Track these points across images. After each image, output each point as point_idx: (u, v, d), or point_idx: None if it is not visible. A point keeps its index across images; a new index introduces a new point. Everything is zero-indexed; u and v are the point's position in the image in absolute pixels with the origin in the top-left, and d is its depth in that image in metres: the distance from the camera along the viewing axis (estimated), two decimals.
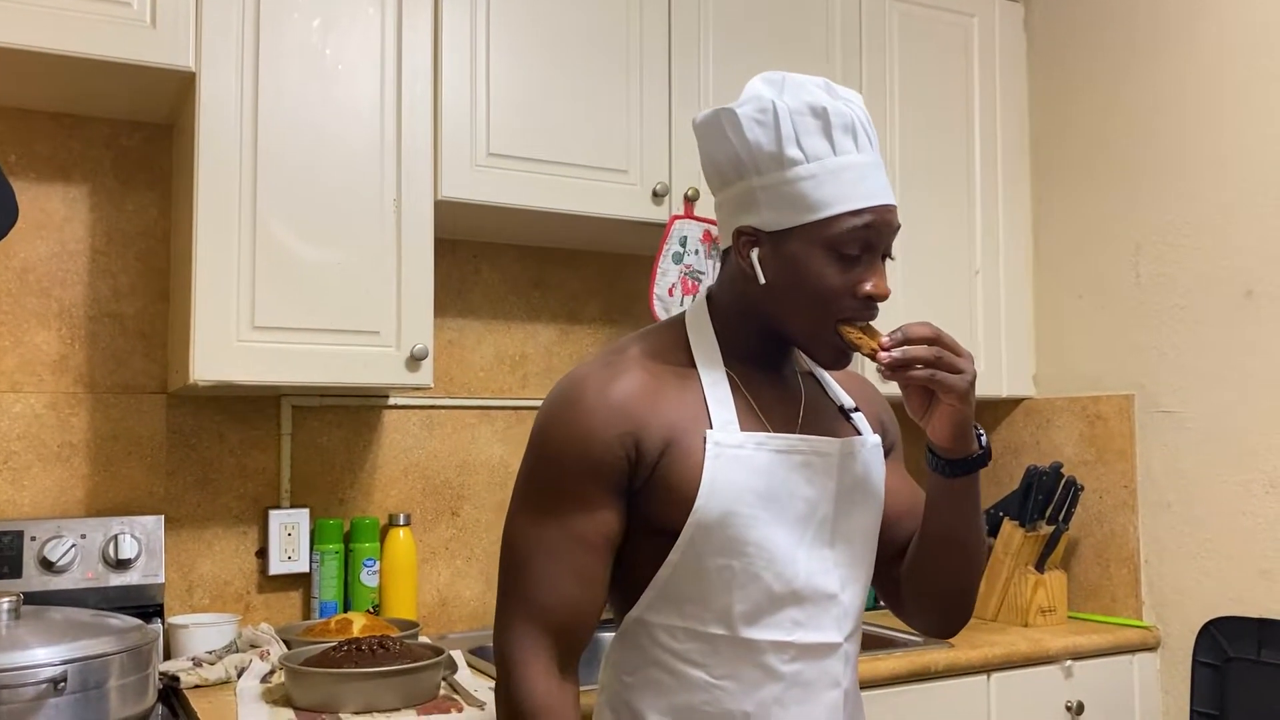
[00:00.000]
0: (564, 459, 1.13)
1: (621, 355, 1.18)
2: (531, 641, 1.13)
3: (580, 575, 1.13)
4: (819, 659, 1.17)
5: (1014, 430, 2.71)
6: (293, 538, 2.12)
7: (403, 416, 2.28)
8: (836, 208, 1.11)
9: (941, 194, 2.57)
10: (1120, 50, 2.50)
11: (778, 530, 1.14)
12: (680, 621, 1.15)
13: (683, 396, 1.16)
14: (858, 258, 1.13)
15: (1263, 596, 2.17)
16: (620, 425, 1.12)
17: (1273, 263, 2.18)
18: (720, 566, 1.12)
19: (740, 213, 1.17)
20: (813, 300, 1.13)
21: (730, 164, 1.17)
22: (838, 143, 1.13)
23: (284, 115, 1.86)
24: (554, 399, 1.17)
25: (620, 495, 1.14)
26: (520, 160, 2.04)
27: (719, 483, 1.12)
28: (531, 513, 1.15)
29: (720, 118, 1.17)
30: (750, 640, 1.14)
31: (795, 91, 1.15)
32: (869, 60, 2.47)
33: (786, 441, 1.16)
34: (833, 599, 1.18)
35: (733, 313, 1.21)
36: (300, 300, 1.86)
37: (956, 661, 2.10)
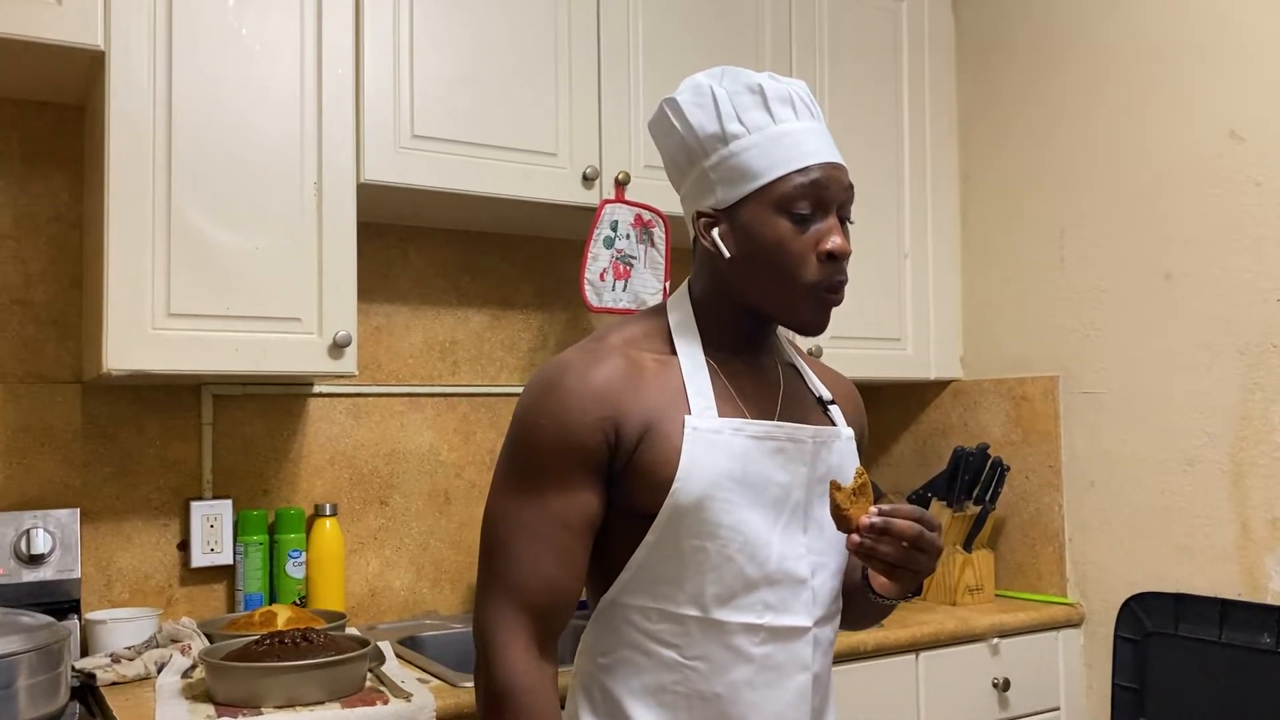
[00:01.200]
0: (545, 443, 1.15)
1: (602, 342, 1.20)
2: (511, 621, 1.14)
3: (560, 556, 1.15)
4: (789, 642, 1.19)
5: (942, 412, 2.75)
6: (215, 529, 2.08)
7: (328, 405, 2.24)
8: (781, 169, 1.15)
9: (871, 179, 2.58)
10: (1046, 36, 2.53)
11: (752, 514, 1.16)
12: (654, 603, 1.17)
13: (662, 382, 1.18)
14: (810, 216, 1.16)
15: (1180, 572, 2.22)
16: (601, 410, 1.14)
17: (1190, 245, 2.22)
18: (695, 548, 1.14)
19: (698, 198, 1.21)
20: (776, 265, 1.16)
21: (681, 153, 1.22)
22: (776, 113, 1.17)
23: (199, 97, 1.81)
24: (536, 384, 1.18)
25: (600, 479, 1.16)
26: (446, 143, 2.01)
27: (696, 466, 1.14)
28: (513, 495, 1.17)
29: (664, 108, 1.22)
30: (722, 622, 1.16)
31: (734, 76, 1.20)
32: (799, 46, 2.47)
33: (763, 428, 1.19)
34: (803, 584, 1.20)
35: (710, 299, 1.24)
36: (218, 287, 1.81)
37: (886, 641, 2.12)
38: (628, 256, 2.19)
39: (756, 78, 1.19)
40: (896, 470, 2.85)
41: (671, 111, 1.22)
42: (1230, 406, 2.15)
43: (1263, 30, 2.11)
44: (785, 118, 1.17)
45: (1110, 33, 2.39)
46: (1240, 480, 2.13)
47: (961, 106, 2.74)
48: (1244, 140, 2.13)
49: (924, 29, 2.69)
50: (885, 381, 2.68)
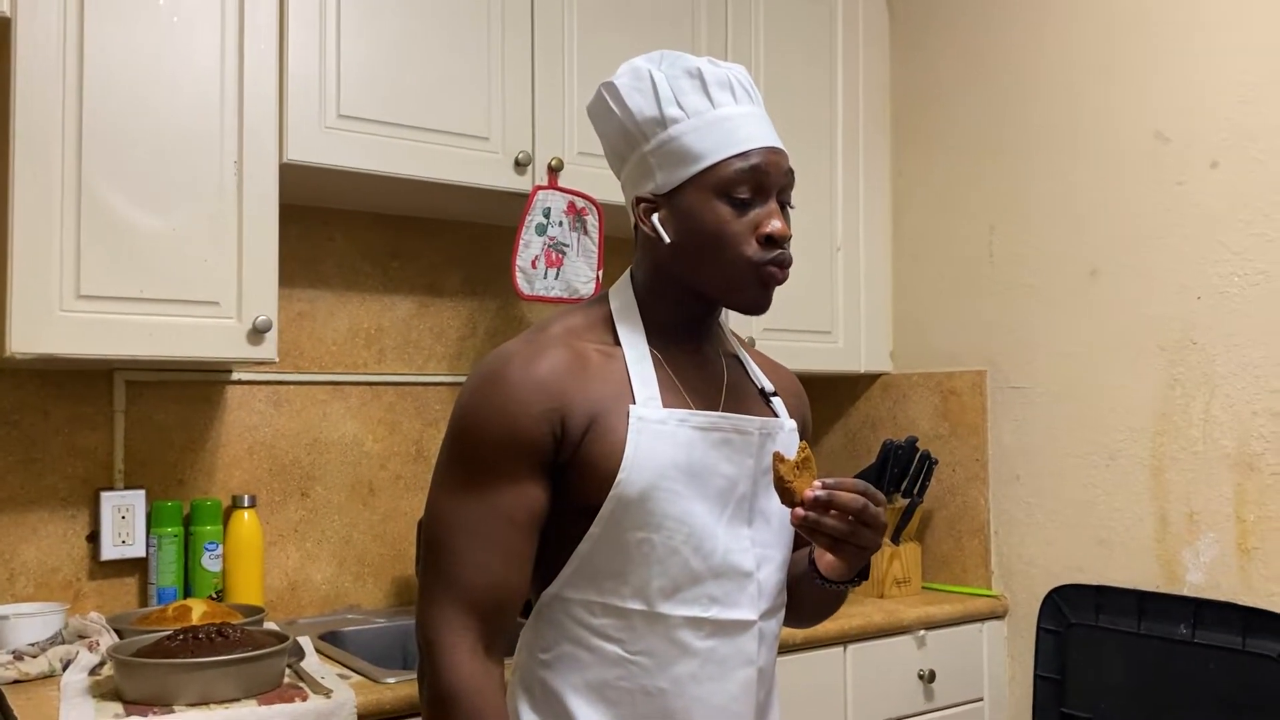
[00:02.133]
0: (489, 436, 1.12)
1: (545, 332, 1.18)
2: (458, 623, 1.11)
3: (506, 553, 1.12)
4: (734, 636, 1.18)
5: (871, 405, 2.76)
6: (127, 520, 2.00)
7: (247, 392, 2.17)
8: (721, 153, 1.14)
9: (805, 172, 2.57)
10: (978, 33, 2.55)
11: (698, 506, 1.15)
12: (598, 597, 1.15)
13: (607, 373, 1.16)
14: (751, 201, 1.15)
15: (1101, 564, 2.26)
16: (545, 402, 1.12)
17: (1116, 243, 2.26)
18: (640, 540, 1.13)
19: (638, 184, 1.20)
20: (717, 248, 1.15)
21: (620, 138, 1.20)
22: (715, 98, 1.16)
23: (113, 69, 1.73)
24: (477, 377, 1.16)
25: (545, 472, 1.14)
26: (373, 123, 1.95)
27: (641, 457, 1.12)
28: (455, 491, 1.14)
29: (602, 92, 1.21)
30: (666, 616, 1.15)
31: (672, 60, 1.19)
32: (734, 31, 2.45)
33: (708, 419, 1.17)
34: (748, 577, 1.18)
35: (652, 288, 1.23)
36: (131, 268, 1.73)
37: (815, 634, 2.12)
38: (560, 244, 2.15)
39: (695, 62, 1.18)
40: (826, 462, 2.86)
41: (609, 95, 1.20)
42: (1151, 402, 2.19)
43: (1189, 33, 2.14)
44: (724, 102, 1.17)
45: (1042, 33, 2.41)
46: (1160, 474, 2.17)
47: (895, 102, 2.75)
48: (1169, 141, 2.17)
49: (859, 24, 2.69)
50: (816, 374, 2.68)
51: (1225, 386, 2.08)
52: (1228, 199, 2.08)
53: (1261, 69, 2.03)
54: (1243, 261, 2.06)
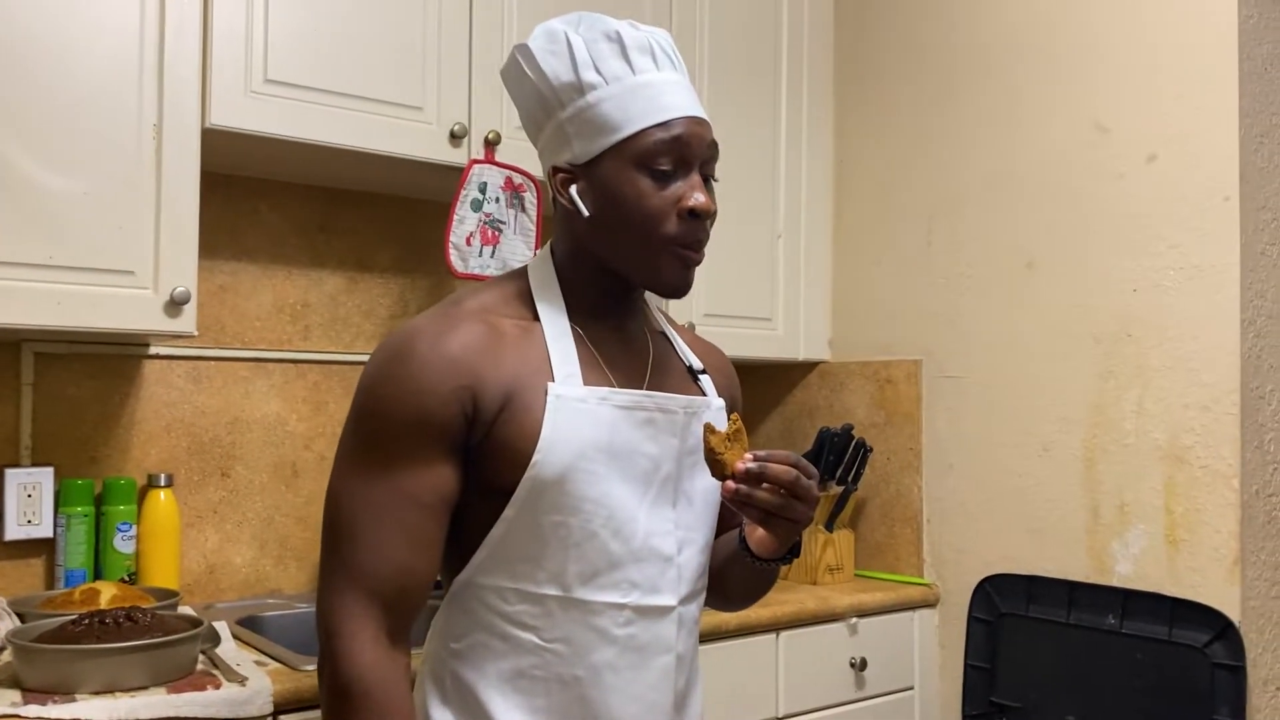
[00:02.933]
0: (396, 415, 1.06)
1: (458, 307, 1.12)
2: (359, 610, 1.05)
3: (413, 538, 1.06)
4: (653, 622, 1.14)
5: (809, 392, 2.75)
6: (34, 499, 1.90)
7: (165, 367, 2.08)
8: (641, 123, 1.09)
9: (747, 156, 2.55)
10: (920, 20, 2.54)
11: (618, 487, 1.11)
12: (512, 583, 1.10)
13: (524, 350, 1.11)
14: (672, 173, 1.10)
15: (1032, 555, 2.27)
16: (457, 379, 1.06)
17: (1053, 235, 2.26)
18: (556, 524, 1.08)
19: (555, 153, 1.14)
20: (636, 223, 1.10)
21: (536, 104, 1.15)
22: (635, 63, 1.11)
23: (20, 17, 1.63)
24: (384, 352, 1.09)
25: (456, 452, 1.08)
26: (301, 89, 1.87)
27: (559, 437, 1.07)
28: (359, 472, 1.07)
29: (515, 56, 1.15)
30: (584, 602, 1.10)
31: (591, 22, 1.13)
32: (679, 13, 2.41)
33: (631, 397, 1.13)
34: (669, 561, 1.15)
35: (572, 262, 1.17)
36: (39, 233, 1.64)
37: (747, 620, 2.10)
38: (496, 221, 2.10)
39: (615, 25, 1.12)
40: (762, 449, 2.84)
41: (524, 59, 1.14)
42: (1085, 394, 2.20)
43: (1129, 25, 2.15)
44: (645, 68, 1.11)
45: (983, 23, 2.41)
46: (1092, 466, 2.18)
47: (838, 89, 2.73)
48: (1109, 131, 2.18)
49: (804, 9, 2.67)
50: (755, 361, 2.66)
51: (1158, 379, 2.09)
52: (1165, 192, 2.09)
53: (1199, 64, 2.04)
54: (1178, 255, 2.07)
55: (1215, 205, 2.02)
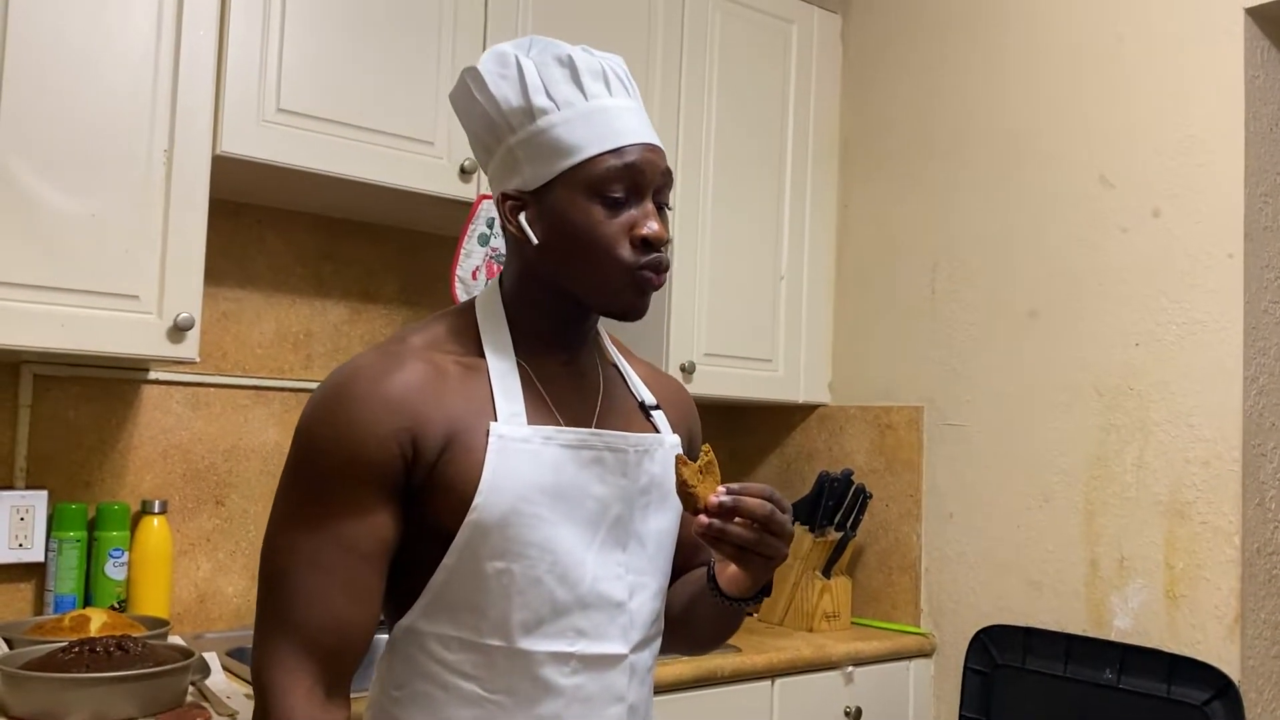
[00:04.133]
0: (333, 459, 1.01)
1: (402, 344, 1.08)
2: (294, 664, 1.00)
3: (352, 589, 1.02)
4: (602, 671, 1.09)
5: (808, 436, 2.74)
6: (26, 522, 1.88)
7: (164, 393, 2.06)
8: (594, 149, 1.06)
9: (752, 198, 2.56)
10: (926, 71, 2.56)
11: (564, 531, 1.06)
12: (454, 631, 1.05)
13: (468, 388, 1.07)
14: (625, 200, 1.07)
15: (1030, 606, 2.25)
16: (396, 421, 1.02)
17: (1057, 286, 2.27)
18: (499, 570, 1.03)
19: (504, 179, 1.10)
20: (589, 250, 1.06)
21: (485, 128, 1.11)
22: (588, 88, 1.08)
23: (38, 40, 1.63)
24: (323, 393, 1.05)
25: (396, 497, 1.04)
26: (314, 120, 1.88)
27: (501, 479, 1.03)
28: (296, 520, 1.03)
29: (465, 79, 1.12)
30: (528, 652, 1.05)
31: (543, 46, 1.11)
32: (689, 55, 2.43)
33: (578, 436, 1.09)
34: (619, 607, 1.10)
35: (522, 295, 1.13)
36: (45, 254, 1.63)
37: (742, 667, 2.08)
38: (502, 255, 2.09)
39: (567, 49, 1.10)
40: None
41: (473, 82, 1.10)
42: (1086, 446, 2.19)
43: (1135, 80, 2.17)
44: (597, 93, 1.08)
45: (990, 75, 2.43)
46: (1092, 519, 2.17)
47: (844, 133, 2.75)
48: (1113, 187, 2.19)
49: (813, 55, 2.69)
50: (755, 402, 2.65)
51: (1159, 434, 2.09)
52: (1169, 247, 2.10)
53: (1205, 121, 2.06)
54: (1180, 310, 2.08)
55: (1219, 262, 2.03)
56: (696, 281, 2.44)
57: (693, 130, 2.44)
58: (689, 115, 2.43)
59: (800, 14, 2.67)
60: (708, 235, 2.47)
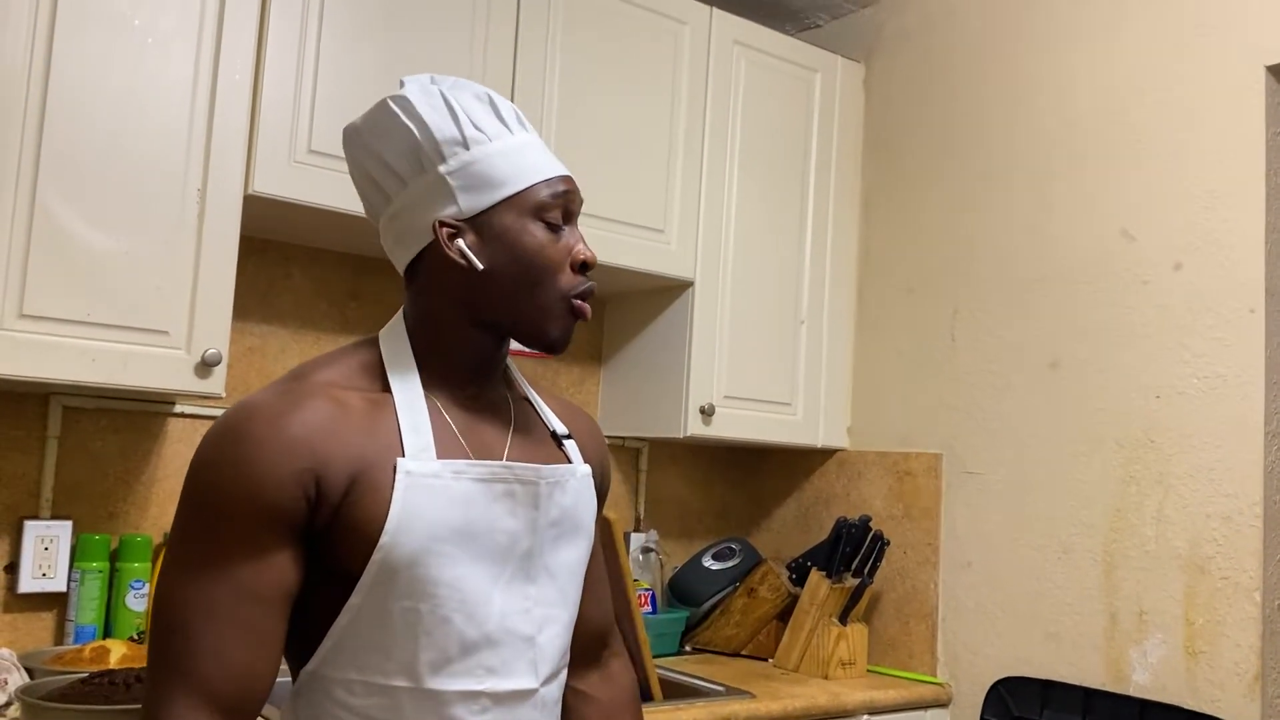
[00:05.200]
0: (230, 502, 0.97)
1: (303, 382, 1.05)
2: (193, 716, 0.95)
3: (252, 636, 0.98)
4: (513, 707, 1.08)
5: (826, 481, 2.74)
6: (50, 552, 1.90)
7: (189, 426, 2.09)
8: (532, 178, 1.10)
9: (773, 242, 2.58)
10: (948, 120, 2.58)
11: (473, 568, 1.05)
12: (359, 675, 1.03)
13: (373, 425, 1.04)
14: (560, 227, 1.12)
15: (1048, 658, 2.24)
16: (298, 461, 0.99)
17: (1078, 337, 2.27)
18: (405, 610, 1.02)
19: (428, 209, 1.09)
20: (537, 272, 1.09)
21: (408, 156, 1.10)
22: (509, 123, 1.12)
23: (80, 84, 1.68)
24: (218, 433, 1.01)
25: (297, 540, 1.01)
26: (343, 160, 1.90)
27: (409, 517, 1.01)
28: (191, 566, 0.98)
29: (391, 106, 1.11)
30: (437, 692, 1.04)
31: (454, 83, 1.15)
32: (713, 102, 2.46)
33: (489, 469, 1.07)
34: (529, 641, 1.09)
35: (433, 324, 1.12)
36: (79, 289, 1.67)
37: (757, 713, 2.07)
38: None
39: (480, 87, 1.14)
40: (778, 536, 2.83)
41: (401, 109, 1.10)
42: (1106, 497, 2.18)
43: (1156, 134, 2.18)
44: (517, 129, 1.13)
45: (1013, 128, 2.45)
46: (1112, 571, 2.16)
47: (866, 179, 2.77)
48: (1135, 240, 2.20)
49: (835, 101, 2.72)
50: (773, 445, 2.66)
51: (1180, 487, 2.08)
52: (1190, 301, 2.10)
53: (1227, 176, 2.07)
54: (1202, 364, 2.07)
55: (1240, 316, 2.03)
56: (717, 324, 2.46)
57: (715, 174, 2.47)
58: (712, 159, 2.46)
59: (824, 63, 2.70)
60: (729, 278, 2.48)
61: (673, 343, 2.46)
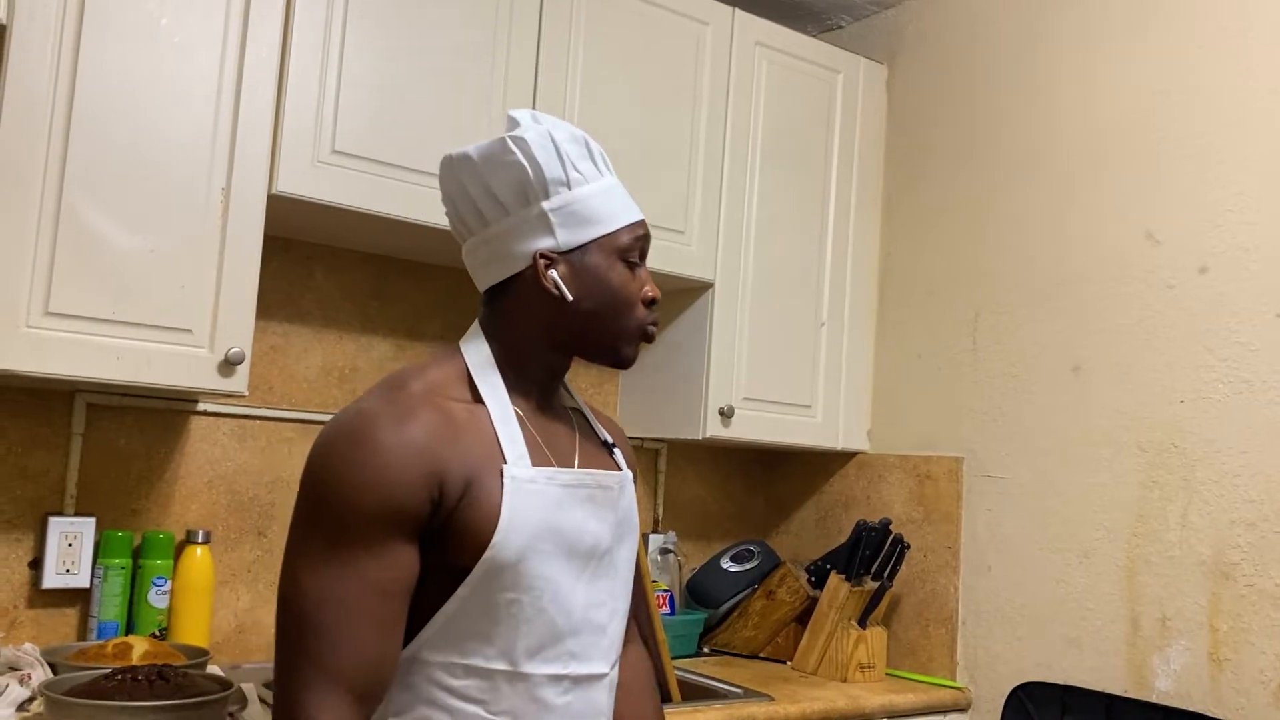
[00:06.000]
0: (363, 505, 1.06)
1: (405, 391, 1.14)
2: (332, 702, 1.04)
3: (380, 626, 1.07)
4: (588, 689, 1.20)
5: (846, 483, 2.73)
6: (73, 549, 1.92)
7: (212, 424, 2.10)
8: (621, 220, 1.23)
9: (794, 244, 2.57)
10: (972, 122, 2.57)
11: (564, 564, 1.16)
12: (460, 658, 1.12)
13: (475, 432, 1.15)
14: (636, 265, 1.25)
15: (1069, 664, 2.22)
16: (425, 466, 1.08)
17: (1101, 341, 2.25)
18: (510, 601, 1.12)
19: (528, 240, 1.20)
20: (619, 306, 1.22)
21: (514, 191, 1.21)
22: (600, 166, 1.25)
23: (106, 84, 1.69)
24: (340, 437, 1.09)
25: (416, 537, 1.10)
26: (367, 161, 1.92)
27: (516, 519, 1.12)
28: (319, 563, 1.06)
29: (509, 144, 1.21)
30: (530, 675, 1.15)
31: (555, 123, 1.24)
32: (735, 103, 2.46)
33: (574, 476, 1.20)
34: (602, 630, 1.22)
35: (517, 344, 1.23)
36: (104, 288, 1.68)
37: (775, 716, 2.06)
38: None
39: (574, 129, 1.24)
40: (797, 539, 2.82)
41: (519, 148, 1.20)
42: (1129, 502, 2.17)
43: (1181, 139, 2.16)
44: (606, 172, 1.25)
45: (1036, 130, 2.43)
46: (1134, 576, 2.14)
47: (887, 180, 2.76)
48: (1160, 243, 2.18)
49: (857, 102, 2.71)
50: (792, 448, 2.65)
51: (1204, 492, 2.06)
52: (1215, 305, 2.08)
53: (1254, 179, 2.05)
54: (1227, 369, 2.06)
55: (1267, 321, 2.01)
56: (737, 326, 2.45)
57: (737, 176, 2.46)
58: (734, 161, 2.46)
59: (846, 64, 2.69)
60: (749, 280, 2.48)
61: (692, 344, 2.45)
